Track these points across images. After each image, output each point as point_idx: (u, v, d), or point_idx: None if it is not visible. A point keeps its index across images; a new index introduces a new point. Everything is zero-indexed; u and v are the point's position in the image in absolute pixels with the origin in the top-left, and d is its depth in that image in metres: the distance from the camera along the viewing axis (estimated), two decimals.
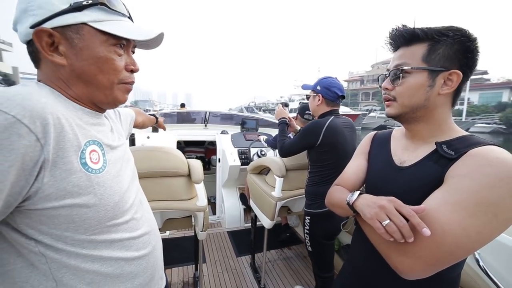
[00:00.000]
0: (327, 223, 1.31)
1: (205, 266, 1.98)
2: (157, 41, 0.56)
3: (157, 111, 4.43)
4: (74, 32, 0.44)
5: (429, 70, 0.54)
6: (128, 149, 0.65)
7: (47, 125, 0.38)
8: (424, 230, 0.44)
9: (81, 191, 0.43)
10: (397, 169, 0.63)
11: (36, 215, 0.40)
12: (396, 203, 0.49)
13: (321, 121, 1.29)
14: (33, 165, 0.37)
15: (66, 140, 0.41)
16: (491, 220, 0.44)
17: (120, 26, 0.48)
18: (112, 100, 0.52)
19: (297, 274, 1.94)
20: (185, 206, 1.25)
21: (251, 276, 1.89)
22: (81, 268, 0.46)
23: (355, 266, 0.73)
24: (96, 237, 0.47)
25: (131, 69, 0.53)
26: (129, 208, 0.54)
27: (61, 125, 0.41)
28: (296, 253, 2.22)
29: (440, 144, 0.55)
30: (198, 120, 3.54)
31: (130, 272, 0.53)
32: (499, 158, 0.45)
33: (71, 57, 0.45)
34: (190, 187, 1.30)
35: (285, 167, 1.55)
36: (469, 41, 0.52)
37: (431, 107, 0.56)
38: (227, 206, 2.66)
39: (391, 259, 0.52)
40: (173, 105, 55.55)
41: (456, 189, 0.47)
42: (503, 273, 0.85)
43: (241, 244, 2.30)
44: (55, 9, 0.43)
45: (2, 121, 0.34)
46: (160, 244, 0.66)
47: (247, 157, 2.61)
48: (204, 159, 3.53)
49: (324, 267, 1.39)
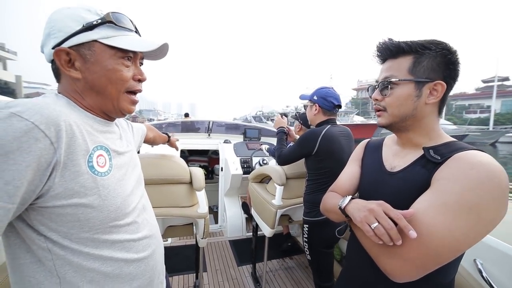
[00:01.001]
0: (325, 231, 1.32)
1: (206, 274, 1.98)
2: (162, 52, 0.61)
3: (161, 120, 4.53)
4: (87, 49, 0.50)
5: (416, 81, 0.57)
6: (136, 156, 0.69)
7: (60, 131, 0.42)
8: (411, 233, 0.46)
9: (87, 192, 0.46)
10: (387, 174, 0.65)
11: (47, 212, 0.44)
12: (385, 206, 0.51)
13: (317, 130, 1.32)
14: (47, 166, 0.41)
15: (76, 144, 0.45)
16: (475, 221, 0.46)
17: (126, 40, 0.53)
18: (119, 110, 0.57)
19: (298, 285, 1.91)
20: (186, 213, 1.27)
21: (252, 286, 1.87)
22: (83, 266, 0.49)
23: (351, 274, 0.74)
24: (99, 236, 0.50)
25: (138, 79, 0.57)
26: (131, 211, 0.57)
27: (72, 131, 0.45)
28: (297, 263, 2.20)
29: (428, 149, 0.57)
30: (202, 129, 3.60)
31: (129, 273, 0.56)
32: (481, 162, 0.47)
33: (85, 71, 0.51)
34: (192, 195, 1.33)
35: (285, 175, 1.57)
36: (450, 53, 0.55)
37: (419, 116, 0.59)
38: (229, 215, 2.66)
39: (381, 262, 0.54)
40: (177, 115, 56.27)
41: (441, 192, 0.49)
42: (507, 284, 0.83)
43: (242, 253, 2.29)
44: (71, 31, 0.49)
45: (23, 127, 0.38)
46: (161, 249, 0.68)
47: (249, 166, 2.64)
48: (207, 168, 3.57)
49: (323, 276, 1.38)
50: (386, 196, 0.60)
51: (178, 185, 1.30)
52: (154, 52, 0.59)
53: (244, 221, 2.67)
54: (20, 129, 0.38)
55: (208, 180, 3.53)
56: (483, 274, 0.87)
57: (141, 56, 0.59)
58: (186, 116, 7.50)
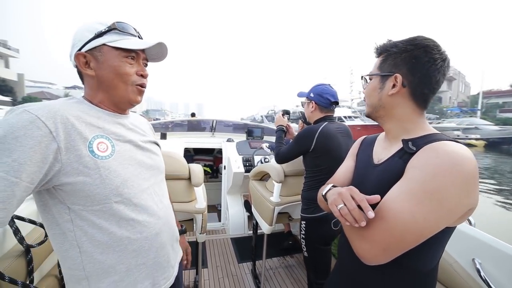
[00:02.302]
0: (322, 227, 1.32)
1: (206, 271, 2.00)
2: (163, 53, 0.72)
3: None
4: (98, 51, 0.62)
5: (380, 75, 0.64)
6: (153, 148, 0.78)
7: (56, 123, 0.53)
8: (369, 213, 0.48)
9: (90, 172, 0.56)
10: (373, 167, 0.69)
11: (67, 189, 0.55)
12: (352, 191, 0.53)
13: (314, 127, 1.32)
14: (46, 149, 0.51)
15: (75, 134, 0.56)
16: (437, 208, 0.48)
17: (127, 42, 0.65)
18: (127, 100, 0.67)
19: (298, 283, 1.92)
20: (185, 208, 1.30)
21: (251, 283, 1.89)
22: (95, 238, 0.59)
23: (341, 263, 0.77)
24: (107, 210, 0.60)
25: (140, 74, 0.68)
26: (138, 193, 0.65)
27: (70, 123, 0.55)
28: (298, 261, 2.20)
29: (406, 141, 0.60)
30: (207, 128, 3.65)
31: (133, 251, 0.64)
32: (447, 151, 0.50)
33: (97, 69, 0.63)
34: (190, 190, 1.36)
35: (283, 173, 1.58)
36: (415, 48, 0.58)
37: (388, 107, 0.64)
38: (231, 213, 2.69)
39: (355, 245, 0.57)
40: (184, 115, 57.02)
41: (408, 180, 0.53)
42: (505, 283, 0.83)
43: (243, 250, 2.31)
44: (86, 39, 0.62)
45: (29, 118, 0.49)
46: (168, 233, 0.75)
47: (251, 164, 2.66)
48: (212, 167, 3.61)
49: (320, 273, 1.38)
50: (369, 187, 0.63)
51: (177, 180, 1.33)
52: (155, 54, 0.71)
53: (246, 219, 2.69)
54: (27, 120, 0.49)
55: (213, 179, 3.57)
56: (481, 273, 0.86)
57: (144, 57, 0.69)
58: (192, 116, 7.59)
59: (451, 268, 0.93)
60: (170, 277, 0.74)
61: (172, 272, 0.76)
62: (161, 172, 0.79)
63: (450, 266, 0.93)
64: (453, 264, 0.94)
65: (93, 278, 0.60)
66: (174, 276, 0.77)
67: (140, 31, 0.71)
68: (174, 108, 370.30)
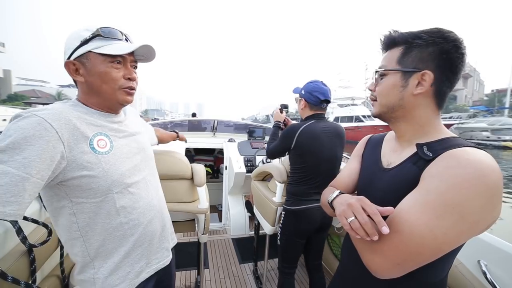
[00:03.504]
0: (298, 221, 1.36)
1: (207, 271, 2.00)
2: (150, 54, 0.73)
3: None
4: (85, 58, 0.65)
5: (402, 71, 0.57)
6: (144, 142, 0.83)
7: (61, 124, 0.58)
8: (383, 228, 0.45)
9: (93, 166, 0.62)
10: (382, 171, 0.64)
11: (73, 183, 0.60)
12: (363, 201, 0.50)
13: (296, 126, 1.33)
14: (54, 148, 0.55)
15: (78, 133, 0.61)
16: (458, 221, 0.43)
17: (112, 47, 0.66)
18: (116, 102, 0.70)
19: (300, 284, 1.91)
20: (187, 208, 1.29)
21: (253, 283, 1.88)
22: (97, 227, 0.66)
23: (344, 269, 0.75)
24: (109, 199, 0.66)
25: (128, 77, 0.70)
26: (133, 183, 0.71)
27: (72, 123, 0.60)
28: (300, 262, 2.19)
29: (421, 146, 0.56)
30: (208, 128, 3.65)
31: (131, 235, 0.71)
32: (469, 160, 0.45)
33: (85, 75, 0.66)
34: (193, 190, 1.35)
35: (286, 173, 1.57)
36: (445, 42, 0.52)
37: (409, 107, 0.58)
38: (232, 213, 2.68)
39: (365, 257, 0.54)
40: (184, 115, 56.99)
41: (425, 190, 0.48)
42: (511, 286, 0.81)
43: (245, 251, 2.30)
44: (74, 47, 0.65)
45: (37, 120, 0.54)
46: (161, 220, 0.82)
47: (252, 165, 2.65)
48: (213, 168, 3.60)
49: (286, 262, 1.44)
50: (377, 192, 0.60)
51: (180, 180, 1.32)
52: (143, 55, 0.73)
53: (248, 219, 2.68)
54: (35, 122, 0.54)
55: (214, 179, 3.56)
56: (487, 276, 0.85)
57: (131, 60, 0.71)
58: (193, 116, 7.59)
59: (456, 270, 0.92)
60: (161, 258, 0.83)
61: (163, 255, 0.84)
62: (152, 160, 0.87)
63: (455, 268, 0.92)
64: (458, 266, 0.93)
65: (98, 260, 0.68)
66: (167, 258, 0.85)
67: (137, 31, 0.74)
68: (174, 108, 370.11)
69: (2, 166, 0.49)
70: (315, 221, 1.34)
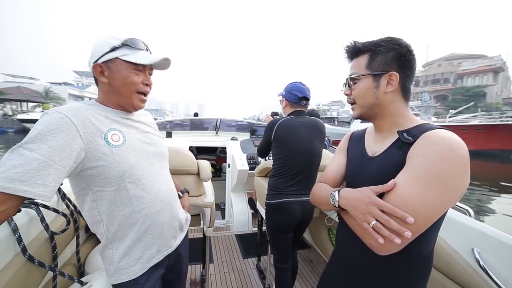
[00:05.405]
0: (278, 215, 1.41)
1: (212, 266, 2.05)
2: (166, 64, 0.84)
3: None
4: (111, 63, 0.74)
5: (373, 74, 0.66)
6: (158, 139, 0.90)
7: (79, 119, 0.66)
8: (409, 219, 0.51)
9: (107, 157, 0.70)
10: (369, 159, 0.71)
11: (91, 173, 0.69)
12: (378, 203, 0.56)
13: (276, 120, 1.44)
14: (73, 140, 0.63)
15: (93, 128, 0.69)
16: (443, 190, 0.52)
17: (136, 56, 0.76)
18: (131, 104, 0.80)
19: (303, 278, 1.96)
20: (194, 202, 1.35)
21: (257, 277, 1.94)
22: (113, 213, 0.74)
23: (340, 256, 0.79)
24: (122, 188, 0.73)
25: (146, 83, 0.80)
26: (145, 175, 0.78)
27: (88, 119, 0.69)
28: (302, 257, 2.24)
29: (402, 132, 0.64)
30: (210, 128, 3.70)
31: (143, 223, 0.78)
32: (444, 138, 0.54)
33: (110, 78, 0.75)
34: (199, 185, 1.41)
35: None
36: (400, 47, 0.64)
37: (383, 104, 0.67)
38: (235, 210, 2.73)
39: (367, 239, 0.59)
40: (185, 115, 56.78)
41: (412, 167, 0.56)
42: (504, 273, 0.85)
43: (248, 246, 2.36)
44: (103, 52, 0.74)
45: (59, 116, 0.63)
46: (171, 211, 0.87)
47: (255, 162, 2.70)
48: (215, 167, 3.65)
49: (278, 258, 1.48)
50: (368, 179, 0.66)
51: (186, 175, 1.38)
52: (159, 64, 0.83)
53: (250, 216, 2.73)
54: (58, 117, 0.63)
55: (216, 178, 3.61)
56: (481, 263, 0.88)
57: (150, 67, 0.82)
58: (195, 116, 7.63)
59: (451, 258, 0.96)
60: (172, 246, 0.90)
61: (174, 243, 0.91)
62: (165, 157, 0.93)
63: (450, 256, 0.96)
64: (453, 254, 0.96)
65: (115, 243, 0.77)
66: (176, 245, 0.92)
67: (137, 31, 0.82)
68: (174, 108, 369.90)
69: (32, 153, 0.57)
70: (294, 216, 1.39)
